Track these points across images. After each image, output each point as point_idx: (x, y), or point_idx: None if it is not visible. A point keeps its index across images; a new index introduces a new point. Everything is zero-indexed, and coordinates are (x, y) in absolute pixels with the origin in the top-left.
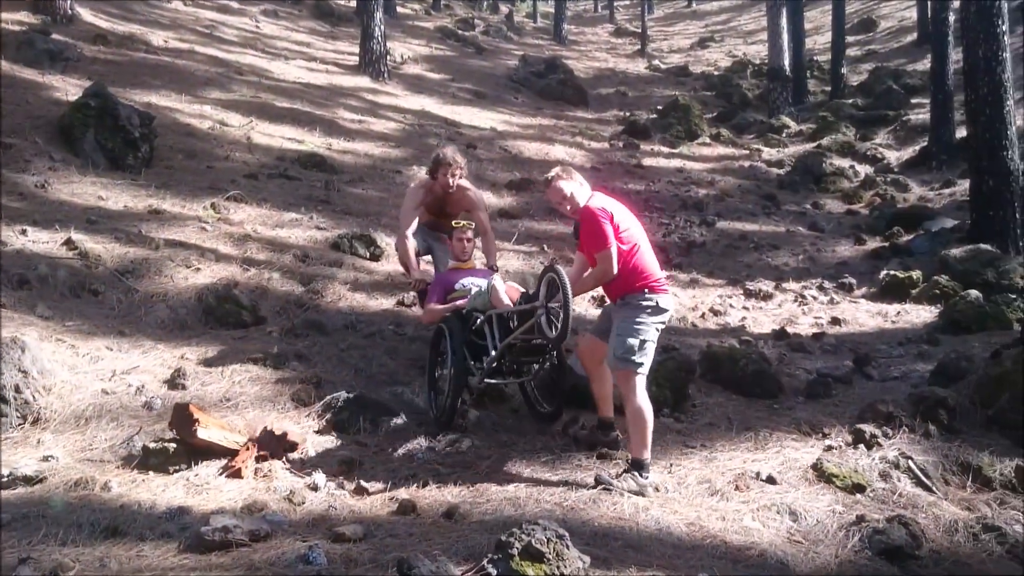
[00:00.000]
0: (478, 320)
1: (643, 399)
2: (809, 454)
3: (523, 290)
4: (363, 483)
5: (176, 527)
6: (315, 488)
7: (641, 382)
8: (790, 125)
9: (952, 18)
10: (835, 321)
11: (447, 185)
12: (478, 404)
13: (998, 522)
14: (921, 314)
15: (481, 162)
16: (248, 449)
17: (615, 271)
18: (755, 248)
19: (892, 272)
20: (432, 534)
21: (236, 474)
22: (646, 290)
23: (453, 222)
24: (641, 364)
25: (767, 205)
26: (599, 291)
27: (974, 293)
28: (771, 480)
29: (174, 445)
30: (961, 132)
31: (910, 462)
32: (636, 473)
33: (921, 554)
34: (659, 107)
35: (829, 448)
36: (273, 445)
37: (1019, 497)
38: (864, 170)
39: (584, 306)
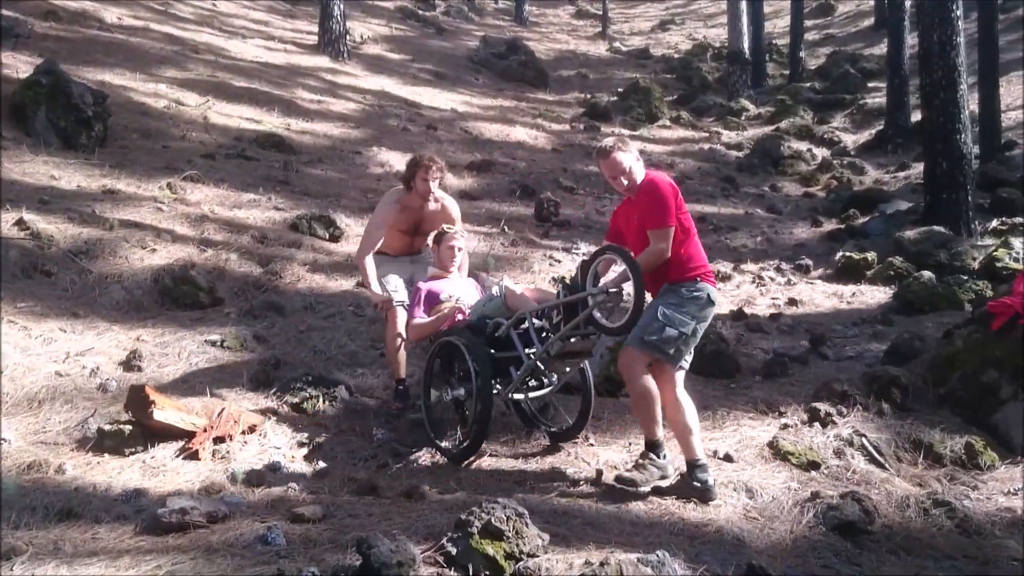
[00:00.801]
0: (501, 327)
1: (684, 396)
2: (766, 432)
3: (540, 289)
4: (323, 464)
5: (132, 509)
6: (274, 469)
7: (680, 377)
8: (749, 108)
9: (908, 3)
10: (792, 302)
11: (426, 191)
12: (438, 385)
13: (948, 497)
14: (876, 295)
15: (442, 143)
16: (206, 431)
17: (669, 253)
18: (714, 230)
19: (848, 254)
20: (392, 514)
21: (194, 456)
22: (698, 279)
23: (444, 226)
24: (671, 357)
25: (726, 187)
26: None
27: (927, 274)
28: (728, 458)
29: (130, 427)
30: (916, 116)
31: (864, 440)
32: (652, 455)
33: (873, 529)
34: (620, 89)
35: (785, 426)
36: (231, 427)
37: (969, 473)
38: (821, 153)
39: None
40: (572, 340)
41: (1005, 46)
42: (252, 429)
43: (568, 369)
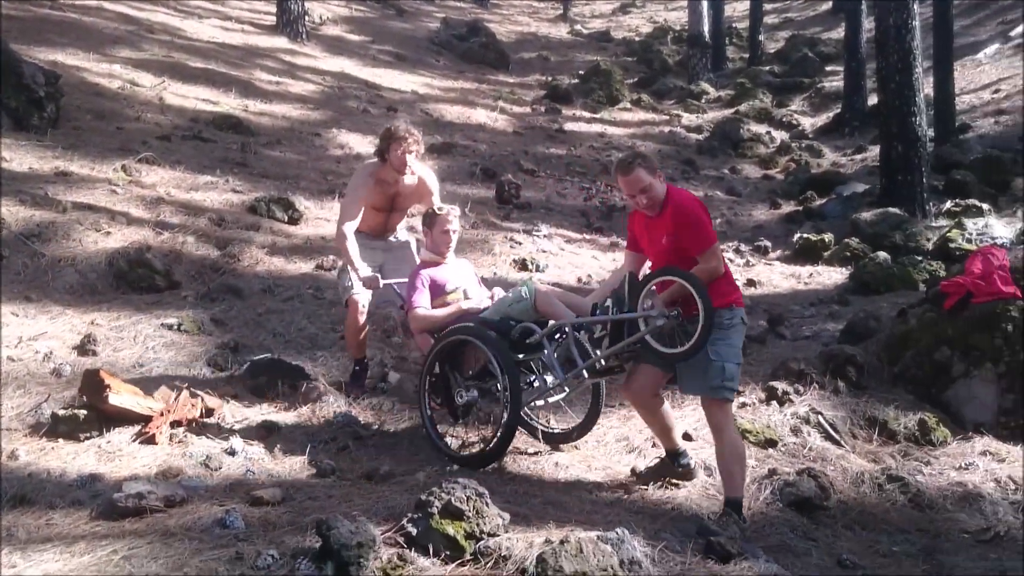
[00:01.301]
0: (533, 334)
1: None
2: None
3: (564, 291)
4: (282, 447)
5: (88, 495)
6: (232, 453)
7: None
8: (709, 91)
9: None
10: (751, 283)
11: (403, 164)
12: (398, 367)
13: (902, 473)
14: (832, 275)
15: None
16: (163, 415)
17: (722, 268)
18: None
19: (805, 235)
20: (352, 496)
21: (150, 440)
22: (734, 304)
23: (436, 207)
24: (735, 391)
25: (686, 170)
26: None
27: (883, 255)
28: (687, 437)
29: (85, 412)
30: (873, 99)
31: (820, 417)
32: (736, 515)
33: (829, 505)
34: (581, 72)
35: (743, 405)
36: (189, 410)
37: (922, 449)
38: (780, 136)
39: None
40: (613, 359)
41: (959, 31)
42: (210, 413)
43: (588, 382)
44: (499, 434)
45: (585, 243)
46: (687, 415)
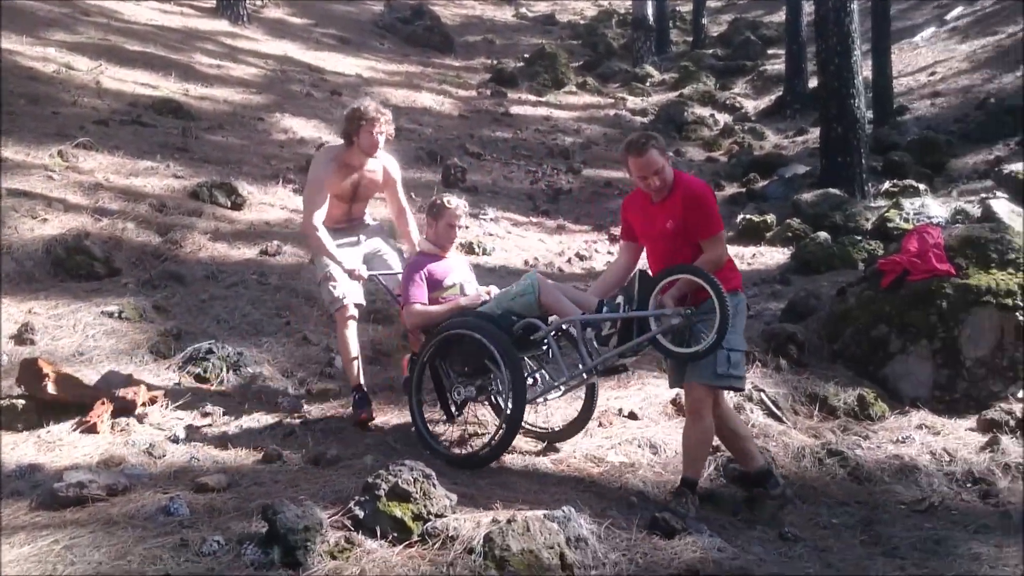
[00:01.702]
0: (538, 331)
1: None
2: (669, 390)
3: (567, 286)
4: (227, 433)
5: (27, 485)
6: (176, 440)
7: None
8: (654, 74)
9: None
10: None
11: (374, 146)
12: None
13: (841, 447)
14: (775, 256)
15: (346, 109)
16: (104, 403)
17: (725, 257)
18: (620, 195)
19: (748, 216)
20: (299, 480)
21: (91, 429)
22: (737, 289)
23: (446, 199)
24: (743, 381)
25: None
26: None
27: (823, 235)
28: (633, 416)
29: (23, 402)
30: (814, 82)
31: (762, 394)
32: (691, 493)
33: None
34: (526, 55)
35: None
36: (131, 398)
37: (860, 424)
38: (723, 119)
39: None
40: (622, 358)
41: (896, 14)
42: (153, 401)
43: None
44: (502, 431)
45: (532, 226)
46: (631, 395)
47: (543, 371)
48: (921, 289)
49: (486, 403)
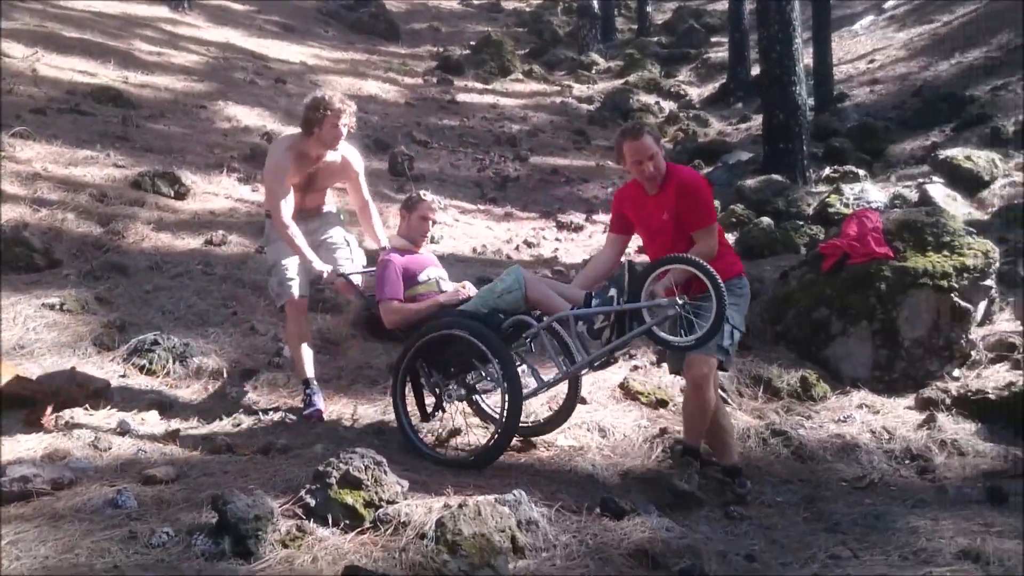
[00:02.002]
0: (529, 328)
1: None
2: (617, 374)
3: (551, 279)
4: (174, 425)
5: None
6: (123, 433)
7: None
8: (599, 62)
9: None
10: (641, 250)
11: (337, 138)
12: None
13: (784, 427)
14: None
15: (292, 97)
16: (47, 397)
17: (717, 248)
18: (566, 182)
19: None
20: (248, 470)
21: (35, 423)
22: (741, 274)
23: (420, 192)
24: (732, 360)
25: (578, 140)
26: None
27: (766, 220)
28: (582, 400)
29: None
30: (757, 70)
31: None
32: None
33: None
34: (472, 43)
35: (635, 368)
36: (75, 391)
37: (803, 404)
38: (668, 106)
39: None
40: (616, 351)
41: (836, 3)
42: (98, 393)
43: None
44: (501, 428)
45: (480, 214)
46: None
47: (526, 366)
48: (861, 272)
49: (463, 402)
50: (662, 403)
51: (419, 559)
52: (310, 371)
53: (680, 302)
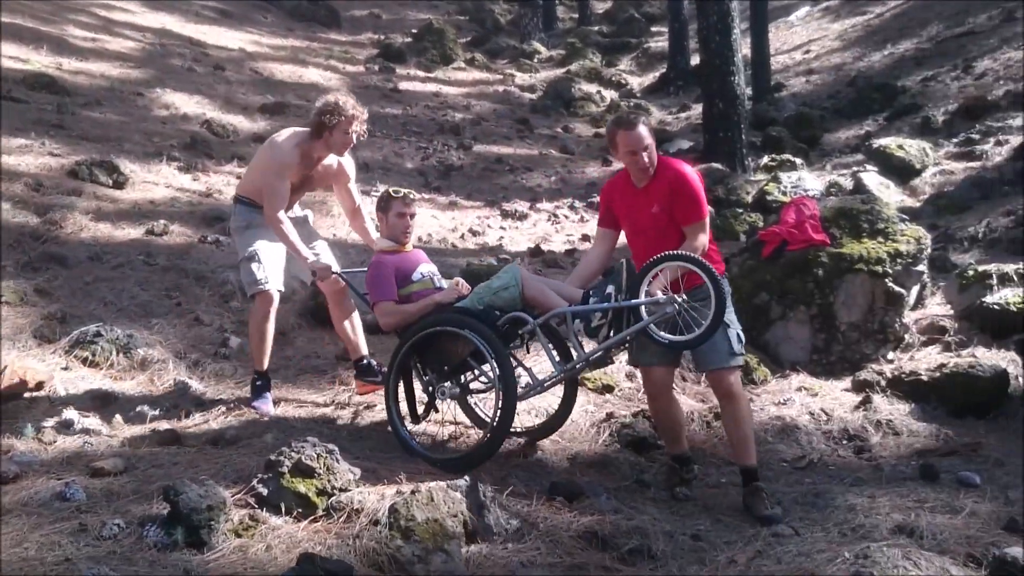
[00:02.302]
0: (526, 325)
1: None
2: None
3: (548, 278)
4: (120, 417)
5: None
6: (67, 425)
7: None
8: (541, 51)
9: None
10: (585, 238)
11: (347, 145)
12: (239, 331)
13: None
14: None
15: (231, 84)
16: None
17: (707, 244)
18: (510, 170)
19: None
20: (199, 461)
21: None
22: (724, 274)
23: (391, 190)
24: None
25: (521, 129)
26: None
27: None
28: None
29: None
30: (696, 60)
31: None
32: (761, 486)
33: (663, 443)
34: (414, 31)
35: None
36: (17, 385)
37: (745, 388)
38: (610, 95)
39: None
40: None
41: None
42: (40, 386)
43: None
44: (494, 427)
45: (424, 203)
46: (530, 365)
47: (521, 369)
48: (799, 258)
49: (453, 402)
50: (608, 388)
51: (373, 545)
52: (266, 363)
53: (679, 300)
